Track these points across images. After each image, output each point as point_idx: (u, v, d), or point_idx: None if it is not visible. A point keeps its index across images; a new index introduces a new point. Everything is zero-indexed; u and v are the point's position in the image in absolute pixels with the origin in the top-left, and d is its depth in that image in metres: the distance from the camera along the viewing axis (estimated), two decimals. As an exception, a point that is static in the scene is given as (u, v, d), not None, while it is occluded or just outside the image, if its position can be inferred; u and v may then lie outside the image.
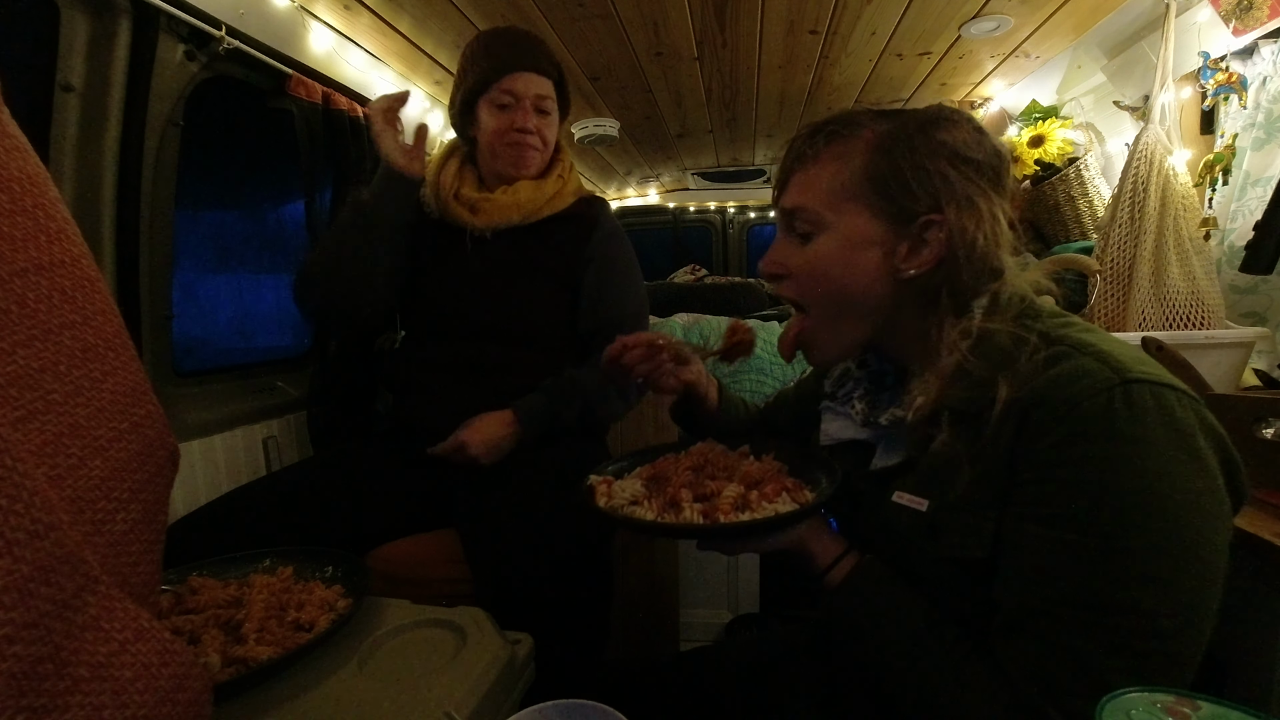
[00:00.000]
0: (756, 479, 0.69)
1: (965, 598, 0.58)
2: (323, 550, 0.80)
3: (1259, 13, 1.21)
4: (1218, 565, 0.49)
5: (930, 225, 0.60)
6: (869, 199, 0.61)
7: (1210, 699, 0.34)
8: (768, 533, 0.63)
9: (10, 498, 0.28)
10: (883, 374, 0.73)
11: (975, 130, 0.62)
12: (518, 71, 1.15)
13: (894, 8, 1.53)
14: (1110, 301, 1.29)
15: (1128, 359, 0.52)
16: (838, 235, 0.63)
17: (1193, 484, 0.48)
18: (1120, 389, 0.49)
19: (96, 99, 1.07)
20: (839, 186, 0.62)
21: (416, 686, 0.58)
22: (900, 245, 0.61)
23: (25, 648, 0.28)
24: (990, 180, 0.61)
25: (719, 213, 3.73)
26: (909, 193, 0.60)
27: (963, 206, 0.59)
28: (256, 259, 1.76)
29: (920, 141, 0.60)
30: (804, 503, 0.65)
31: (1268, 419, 0.81)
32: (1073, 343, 0.55)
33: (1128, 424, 0.48)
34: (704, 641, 1.75)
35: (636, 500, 0.68)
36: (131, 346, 0.43)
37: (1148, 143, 1.28)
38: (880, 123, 0.63)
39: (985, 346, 0.58)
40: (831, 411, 0.75)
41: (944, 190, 0.59)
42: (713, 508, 0.64)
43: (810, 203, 0.64)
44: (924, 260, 0.61)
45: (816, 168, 0.64)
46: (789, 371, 1.78)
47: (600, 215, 1.27)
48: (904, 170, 0.60)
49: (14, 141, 0.37)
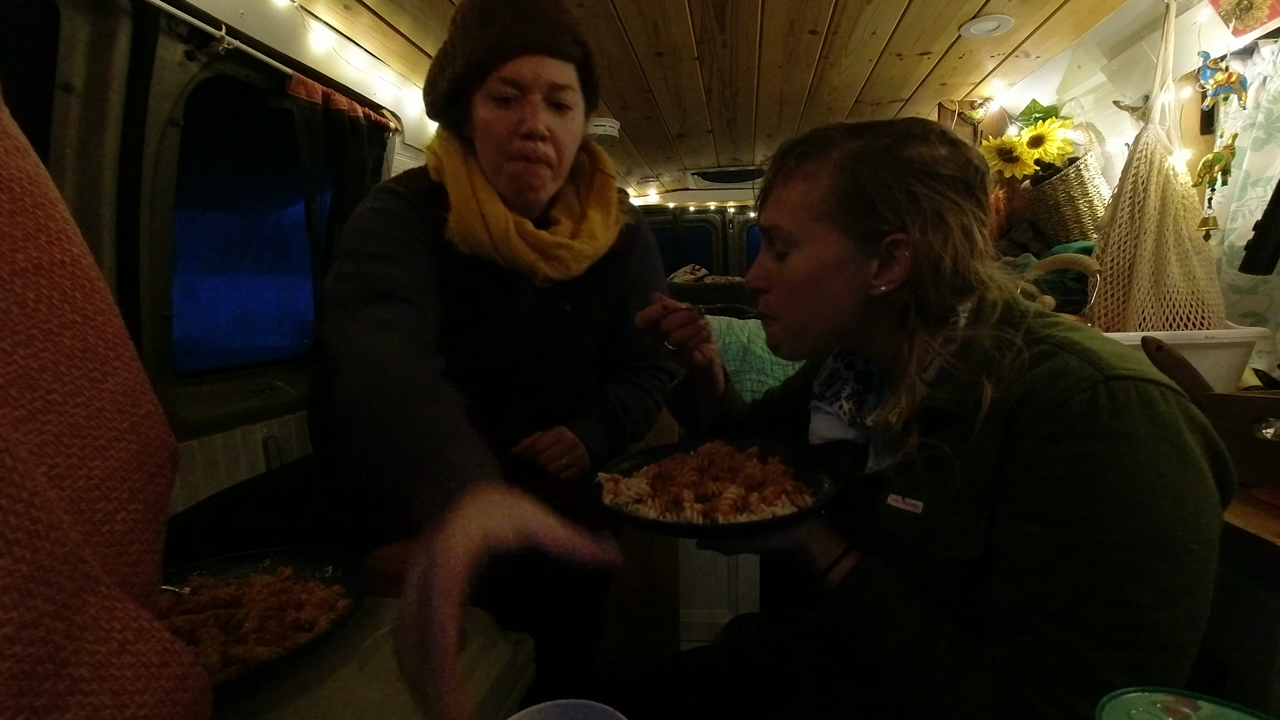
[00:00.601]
0: (758, 481, 0.70)
1: (963, 599, 0.58)
2: (323, 550, 0.80)
3: (1259, 13, 1.21)
4: (1208, 558, 0.49)
5: (897, 244, 0.61)
6: (836, 219, 0.62)
7: (1210, 699, 0.34)
8: (765, 534, 0.64)
9: (10, 498, 0.28)
10: (870, 375, 0.74)
11: (946, 144, 0.62)
12: (526, 52, 0.83)
13: (894, 8, 1.53)
14: (1110, 301, 1.29)
15: (1111, 356, 0.52)
16: (808, 254, 0.64)
17: (1179, 477, 0.49)
18: (1104, 385, 0.50)
19: (96, 99, 1.07)
20: (810, 206, 0.63)
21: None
22: (869, 264, 0.62)
23: (25, 648, 0.28)
24: (961, 193, 0.61)
25: (719, 213, 3.73)
26: (874, 213, 0.61)
27: (930, 224, 0.60)
28: (256, 259, 1.76)
29: (886, 160, 0.61)
30: (802, 506, 0.66)
31: (1268, 419, 0.81)
32: (1057, 341, 0.55)
33: (1112, 420, 0.49)
34: (704, 641, 1.75)
35: (641, 498, 0.70)
36: (131, 346, 0.43)
37: (1148, 143, 1.27)
38: (851, 140, 0.63)
39: (969, 351, 0.58)
40: (821, 411, 0.76)
41: (909, 208, 0.60)
42: (713, 508, 0.65)
43: (783, 222, 0.65)
44: (892, 278, 0.62)
45: (790, 187, 0.65)
46: (789, 371, 1.78)
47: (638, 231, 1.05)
48: (869, 190, 0.61)
49: (14, 141, 0.37)
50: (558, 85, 0.85)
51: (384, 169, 1.79)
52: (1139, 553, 0.47)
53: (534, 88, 0.84)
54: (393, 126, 1.78)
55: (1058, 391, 0.51)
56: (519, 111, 0.84)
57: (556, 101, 0.86)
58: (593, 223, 0.93)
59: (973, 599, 0.57)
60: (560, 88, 0.85)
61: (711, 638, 1.79)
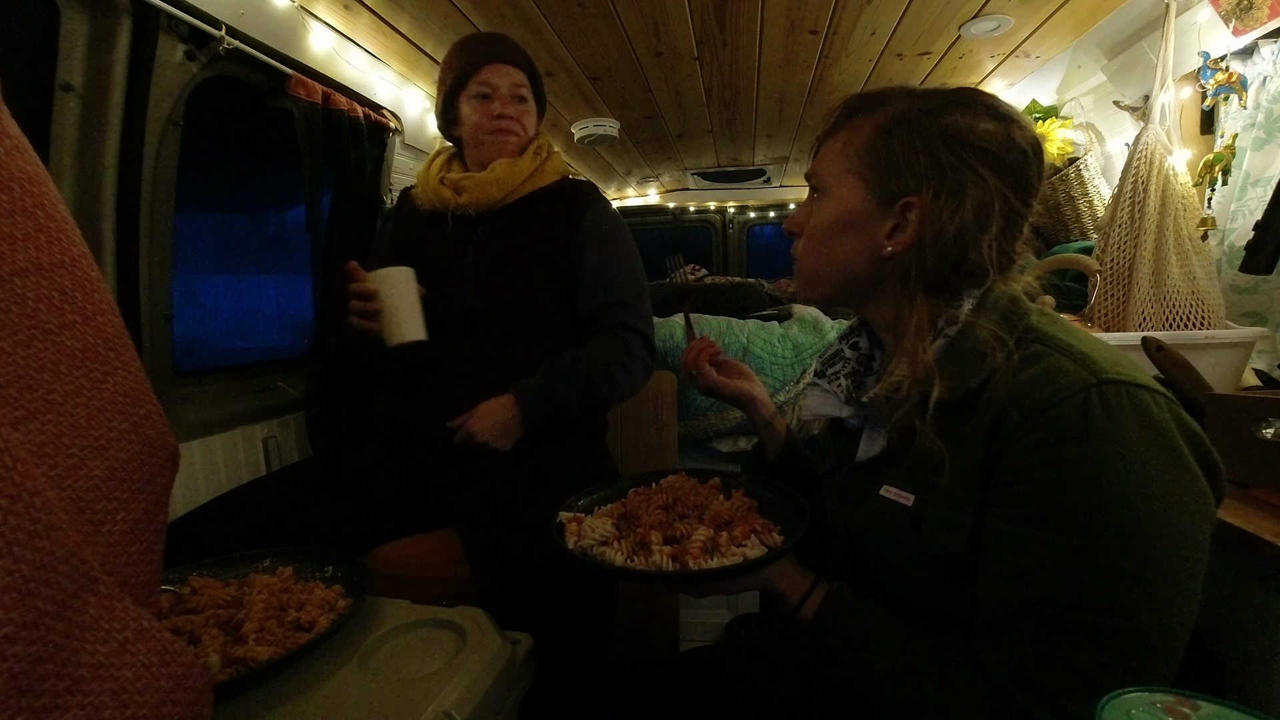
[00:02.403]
0: (726, 520, 0.70)
1: (945, 593, 0.59)
2: (323, 550, 0.80)
3: (1259, 13, 1.21)
4: (1198, 562, 0.49)
5: (910, 207, 0.61)
6: (863, 174, 0.63)
7: (1210, 699, 0.34)
8: (736, 577, 0.64)
9: (10, 498, 0.28)
10: (871, 358, 0.74)
11: (995, 118, 0.61)
12: (492, 63, 1.22)
13: (894, 8, 1.53)
14: (1110, 301, 1.29)
15: (1104, 360, 0.52)
16: (833, 203, 0.66)
17: (1172, 483, 0.49)
18: (1096, 389, 0.50)
19: (96, 99, 1.06)
20: (845, 158, 0.65)
21: (416, 686, 0.58)
22: (884, 223, 0.63)
23: (25, 648, 0.28)
24: (993, 168, 0.59)
25: (719, 213, 3.73)
26: (896, 173, 0.61)
27: (946, 192, 0.59)
28: (256, 259, 1.76)
29: (924, 124, 0.61)
30: (772, 545, 0.66)
31: (1268, 419, 0.81)
32: (1052, 343, 0.55)
33: (1104, 424, 0.49)
34: (704, 641, 1.75)
35: (606, 540, 0.69)
36: (131, 347, 0.43)
37: (1148, 143, 1.27)
38: (901, 102, 0.63)
39: (965, 340, 0.58)
40: (818, 389, 0.76)
41: (929, 173, 0.60)
42: (683, 550, 0.65)
43: (821, 169, 0.67)
44: (900, 241, 0.62)
45: (836, 138, 0.67)
46: (789, 371, 1.78)
47: (591, 196, 1.29)
48: (897, 151, 0.61)
49: (14, 142, 0.37)
50: (517, 84, 1.25)
51: (384, 169, 1.78)
52: (1132, 558, 0.47)
53: (501, 86, 1.23)
54: (393, 126, 1.78)
55: (1050, 394, 0.51)
56: (492, 104, 1.22)
57: (517, 95, 1.25)
58: (494, 165, 1.22)
59: (953, 593, 0.58)
60: (519, 85, 1.25)
61: (711, 638, 1.79)
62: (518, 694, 0.65)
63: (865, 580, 0.69)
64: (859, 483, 0.69)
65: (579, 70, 1.85)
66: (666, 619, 1.69)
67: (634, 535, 0.69)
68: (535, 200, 1.24)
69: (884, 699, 0.58)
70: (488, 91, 1.21)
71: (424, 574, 0.98)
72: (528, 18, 1.50)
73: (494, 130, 1.22)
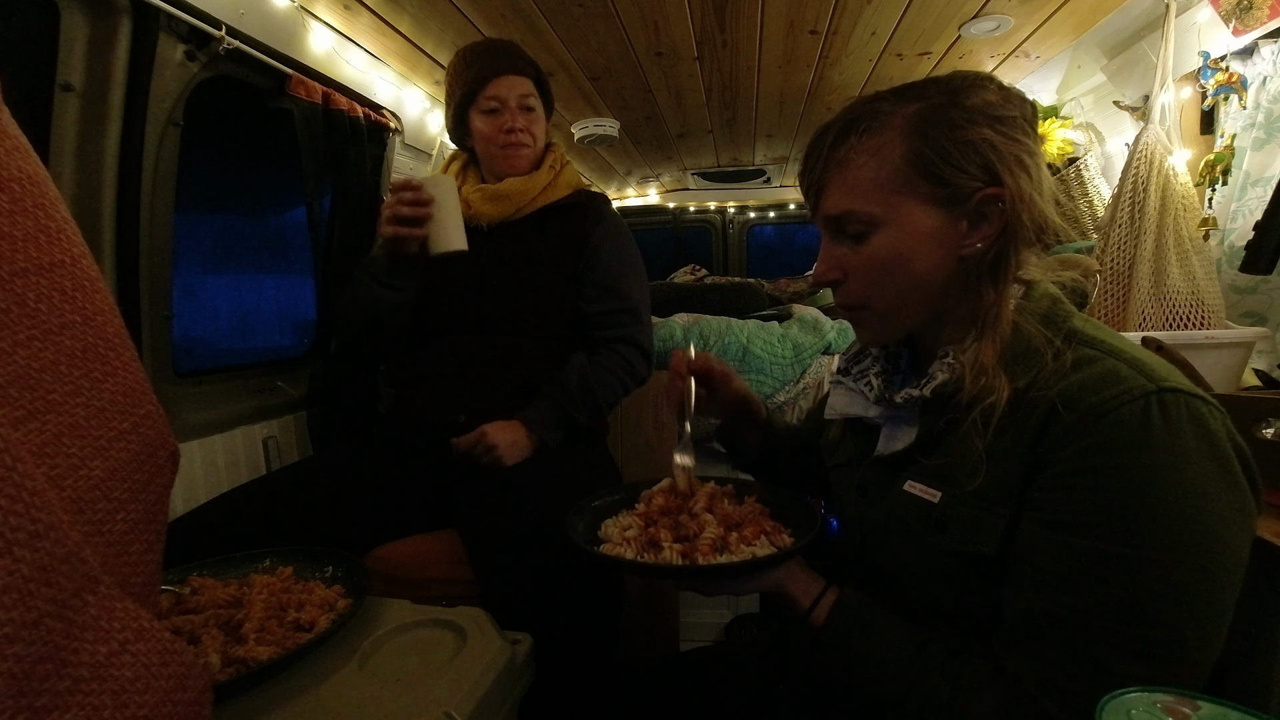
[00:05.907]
0: (737, 521, 0.70)
1: (962, 592, 0.58)
2: (323, 550, 0.80)
3: (1259, 13, 1.21)
4: (1239, 576, 0.49)
5: (988, 199, 0.58)
6: (918, 187, 0.58)
7: (1210, 699, 0.34)
8: (745, 575, 0.63)
9: (10, 498, 0.28)
10: (898, 356, 0.73)
11: (999, 87, 0.60)
12: (499, 76, 1.24)
13: (894, 8, 1.53)
14: (1110, 301, 1.29)
15: (1160, 368, 0.51)
16: (895, 229, 0.60)
17: (1225, 497, 0.48)
18: (1156, 396, 0.49)
19: (96, 99, 1.06)
20: (884, 181, 0.59)
21: (416, 686, 0.58)
22: (959, 224, 0.59)
23: (25, 648, 0.28)
24: (1026, 132, 0.59)
25: (719, 213, 3.73)
26: (960, 171, 0.57)
27: (1015, 168, 0.57)
28: (256, 259, 1.76)
29: (955, 114, 0.57)
30: (782, 546, 0.66)
31: (1268, 419, 0.81)
32: (1101, 347, 0.54)
33: (1163, 433, 0.48)
34: (704, 641, 1.75)
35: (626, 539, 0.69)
36: (132, 347, 0.42)
37: (1148, 143, 1.27)
38: (905, 104, 0.59)
39: (1017, 340, 0.57)
40: (843, 387, 0.75)
41: (995, 159, 0.57)
42: (692, 548, 0.65)
43: (858, 205, 0.61)
44: (985, 234, 0.59)
45: (855, 168, 0.61)
46: (789, 372, 1.78)
47: (603, 209, 1.33)
48: (949, 150, 0.57)
49: (14, 141, 0.37)
50: (525, 94, 1.26)
51: (384, 169, 1.78)
52: (1181, 571, 0.47)
53: (509, 99, 1.24)
54: (393, 126, 1.78)
55: (1109, 398, 0.49)
56: (502, 117, 1.24)
57: (525, 105, 1.26)
58: (509, 182, 1.26)
59: (973, 593, 0.57)
60: (526, 95, 1.26)
61: (711, 638, 1.79)
62: (518, 694, 0.65)
63: (874, 576, 0.68)
64: (879, 477, 0.68)
65: (579, 70, 1.85)
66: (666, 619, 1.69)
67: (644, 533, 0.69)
68: (549, 212, 1.27)
69: (898, 703, 0.57)
70: (496, 106, 1.24)
71: (424, 574, 0.98)
72: (528, 18, 1.50)
73: (506, 145, 1.24)
